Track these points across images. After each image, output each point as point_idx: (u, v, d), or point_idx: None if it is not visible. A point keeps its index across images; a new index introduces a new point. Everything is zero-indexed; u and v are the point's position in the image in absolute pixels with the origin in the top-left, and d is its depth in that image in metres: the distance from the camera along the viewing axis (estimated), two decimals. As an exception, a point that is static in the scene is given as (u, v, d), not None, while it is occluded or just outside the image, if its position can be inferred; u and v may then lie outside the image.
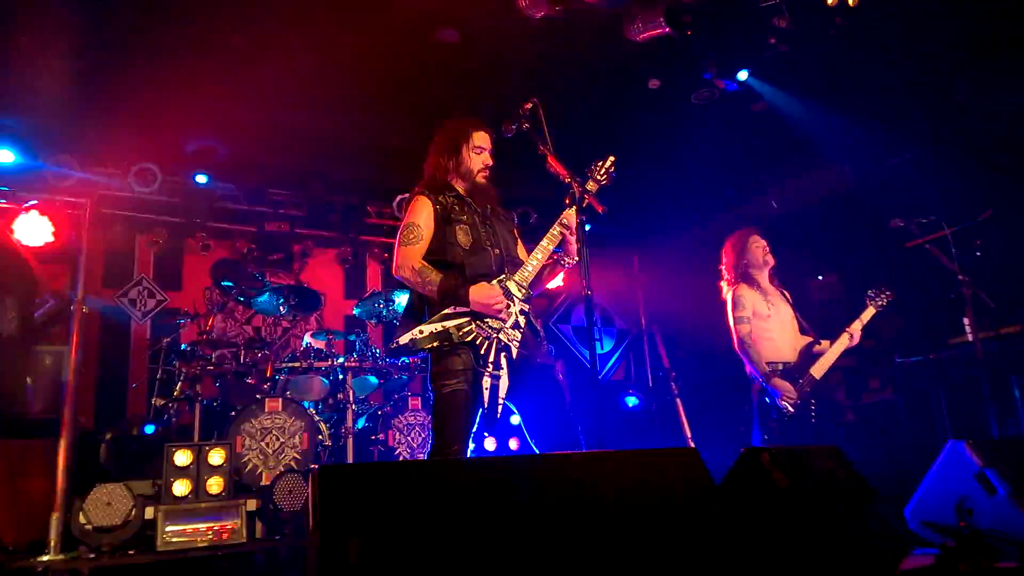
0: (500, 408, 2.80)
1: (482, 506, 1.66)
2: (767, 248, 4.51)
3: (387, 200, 7.22)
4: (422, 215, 3.11)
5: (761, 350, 4.30)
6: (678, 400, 6.79)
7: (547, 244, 3.06)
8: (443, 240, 3.07)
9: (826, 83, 5.36)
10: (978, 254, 4.11)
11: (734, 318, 4.41)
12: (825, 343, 4.34)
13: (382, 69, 5.29)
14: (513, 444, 5.98)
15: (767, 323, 4.37)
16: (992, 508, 2.62)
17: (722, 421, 6.12)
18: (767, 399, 4.22)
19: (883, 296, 4.34)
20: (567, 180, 2.83)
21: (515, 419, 6.13)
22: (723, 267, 4.62)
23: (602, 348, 7.95)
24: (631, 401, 6.81)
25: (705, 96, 5.71)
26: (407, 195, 7.07)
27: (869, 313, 4.33)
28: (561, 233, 3.05)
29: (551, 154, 2.93)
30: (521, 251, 3.29)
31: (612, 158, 3.21)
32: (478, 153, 3.22)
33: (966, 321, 3.99)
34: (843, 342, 4.29)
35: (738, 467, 2.27)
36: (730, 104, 5.68)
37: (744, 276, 4.47)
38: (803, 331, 4.50)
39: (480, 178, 3.21)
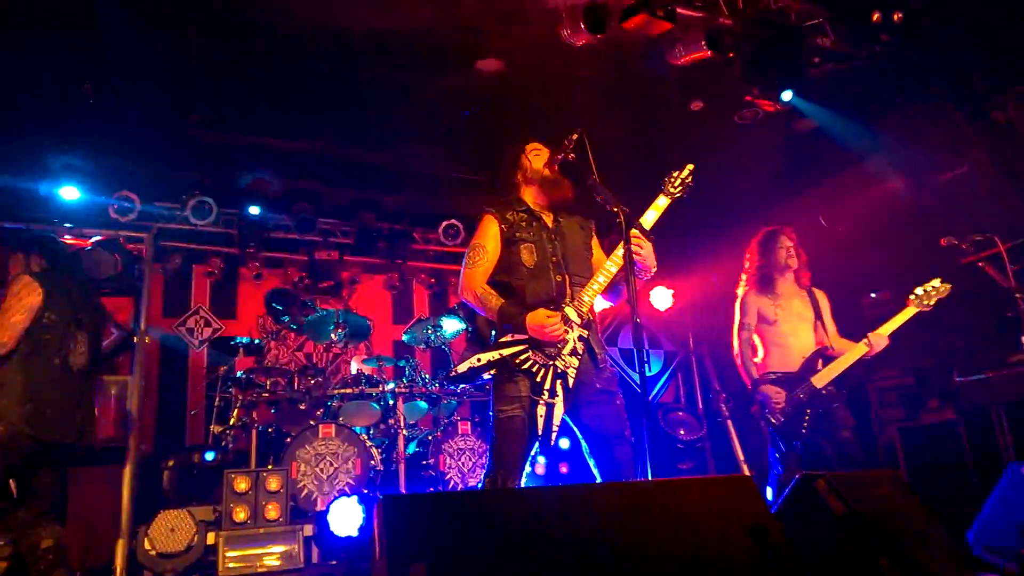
0: (554, 436, 2.81)
1: (541, 534, 1.70)
2: (792, 249, 4.29)
3: (433, 226, 7.36)
4: (488, 236, 3.16)
5: (768, 358, 4.18)
6: (729, 422, 6.71)
7: (611, 267, 3.00)
8: (508, 260, 3.11)
9: (873, 100, 5.30)
10: (1035, 270, 3.99)
11: (737, 323, 4.31)
12: (844, 344, 4.08)
13: (427, 98, 5.42)
14: (563, 468, 5.99)
15: (775, 328, 4.21)
16: (1060, 534, 2.55)
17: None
18: (762, 409, 4.08)
19: (933, 293, 3.92)
20: (613, 209, 2.83)
21: (564, 443, 6.12)
22: (744, 268, 4.45)
23: (650, 370, 7.90)
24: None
25: (749, 116, 5.70)
26: (453, 221, 7.26)
27: (907, 314, 3.95)
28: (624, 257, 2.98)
29: (597, 183, 2.95)
30: (599, 260, 3.23)
31: (690, 167, 3.11)
32: (537, 155, 3.27)
33: (1024, 339, 3.88)
34: (857, 351, 3.97)
35: (793, 494, 2.26)
36: (775, 123, 5.66)
37: (761, 280, 4.30)
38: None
39: (548, 172, 3.19)
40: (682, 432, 6.70)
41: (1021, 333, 3.89)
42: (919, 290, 4.01)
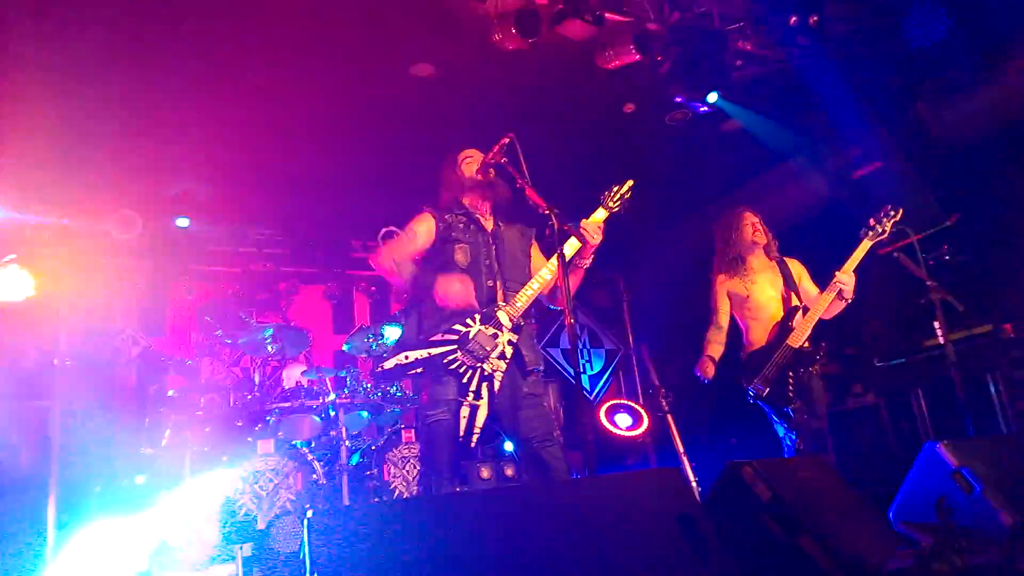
0: (475, 438, 2.82)
1: (469, 539, 1.70)
2: (757, 225, 4.26)
3: (371, 233, 7.27)
4: (421, 224, 3.21)
5: (750, 334, 4.17)
6: (669, 416, 6.83)
7: (545, 274, 3.04)
8: (441, 259, 3.13)
9: (792, 101, 5.49)
10: (946, 258, 4.19)
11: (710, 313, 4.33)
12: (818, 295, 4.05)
13: (360, 105, 5.37)
14: (508, 471, 5.99)
15: (749, 303, 4.19)
16: (969, 506, 2.69)
17: (717, 434, 6.16)
18: (750, 388, 4.06)
19: (887, 221, 3.88)
20: (546, 212, 2.85)
21: (509, 446, 6.14)
22: (716, 252, 4.38)
23: (592, 369, 8.00)
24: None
25: (679, 117, 5.84)
26: (391, 228, 7.20)
27: (862, 249, 3.91)
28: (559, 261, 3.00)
29: (529, 187, 2.97)
30: (537, 267, 3.22)
31: (630, 183, 3.15)
32: (470, 161, 3.29)
33: (936, 325, 4.06)
34: (825, 298, 3.93)
35: (721, 482, 2.32)
36: (704, 124, 5.82)
37: (732, 261, 4.26)
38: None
39: (481, 176, 3.21)
40: (624, 428, 6.80)
41: (933, 319, 4.08)
42: (871, 221, 3.98)
